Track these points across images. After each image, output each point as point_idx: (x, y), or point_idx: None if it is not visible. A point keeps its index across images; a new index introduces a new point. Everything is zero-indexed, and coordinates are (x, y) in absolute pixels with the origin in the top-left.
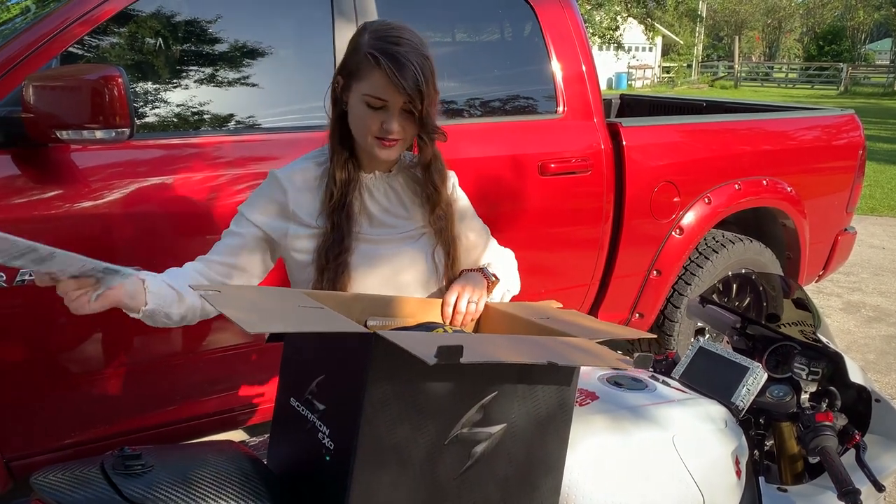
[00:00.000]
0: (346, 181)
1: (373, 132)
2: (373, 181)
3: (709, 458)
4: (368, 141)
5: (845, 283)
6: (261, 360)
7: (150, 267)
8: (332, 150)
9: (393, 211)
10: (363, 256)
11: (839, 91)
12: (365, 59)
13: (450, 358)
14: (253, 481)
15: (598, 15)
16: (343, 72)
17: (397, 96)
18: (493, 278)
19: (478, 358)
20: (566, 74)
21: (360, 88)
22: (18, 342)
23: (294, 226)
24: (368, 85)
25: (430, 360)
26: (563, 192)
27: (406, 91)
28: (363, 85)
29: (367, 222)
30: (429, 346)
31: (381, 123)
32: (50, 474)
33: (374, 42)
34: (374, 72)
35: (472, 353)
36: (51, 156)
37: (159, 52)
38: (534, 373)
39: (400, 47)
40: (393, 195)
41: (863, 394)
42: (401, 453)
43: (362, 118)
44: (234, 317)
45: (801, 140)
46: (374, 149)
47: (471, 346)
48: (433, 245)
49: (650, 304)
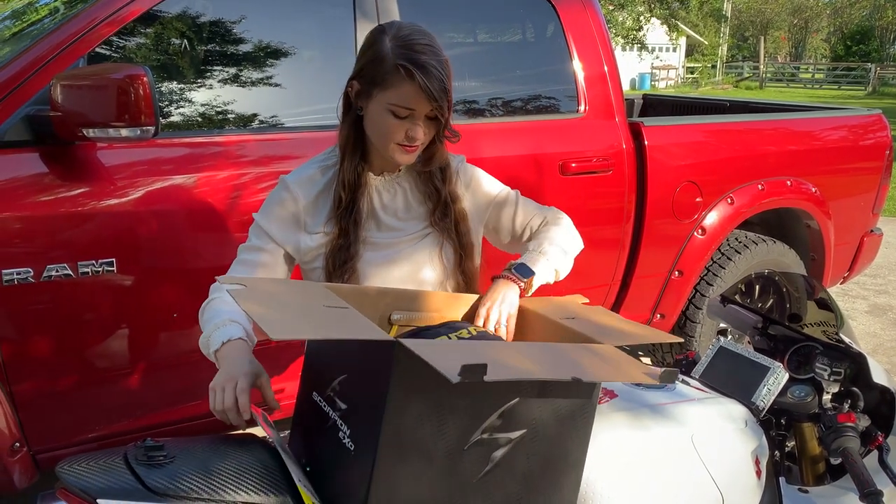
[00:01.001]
0: (355, 185)
1: (397, 139)
2: (382, 183)
3: (728, 458)
4: (390, 147)
5: (872, 285)
6: (284, 356)
7: (174, 265)
8: (342, 154)
9: (400, 213)
10: (370, 260)
11: (867, 92)
12: (394, 70)
13: (473, 376)
14: (273, 474)
15: (621, 15)
16: (362, 78)
17: (425, 105)
18: (522, 282)
19: (502, 376)
20: (588, 74)
21: (386, 98)
22: (45, 337)
23: (304, 235)
24: (396, 95)
25: (453, 379)
26: (585, 191)
27: (436, 99)
28: (389, 94)
29: (375, 226)
30: (452, 361)
31: (407, 131)
32: (75, 464)
33: (400, 51)
34: (404, 83)
35: (495, 371)
36: (77, 154)
37: (184, 52)
38: (558, 385)
39: (426, 56)
40: (400, 196)
41: (886, 395)
42: (421, 458)
43: (386, 127)
44: (258, 317)
45: (826, 140)
46: (396, 154)
47: (495, 362)
48: (440, 243)
49: (672, 304)
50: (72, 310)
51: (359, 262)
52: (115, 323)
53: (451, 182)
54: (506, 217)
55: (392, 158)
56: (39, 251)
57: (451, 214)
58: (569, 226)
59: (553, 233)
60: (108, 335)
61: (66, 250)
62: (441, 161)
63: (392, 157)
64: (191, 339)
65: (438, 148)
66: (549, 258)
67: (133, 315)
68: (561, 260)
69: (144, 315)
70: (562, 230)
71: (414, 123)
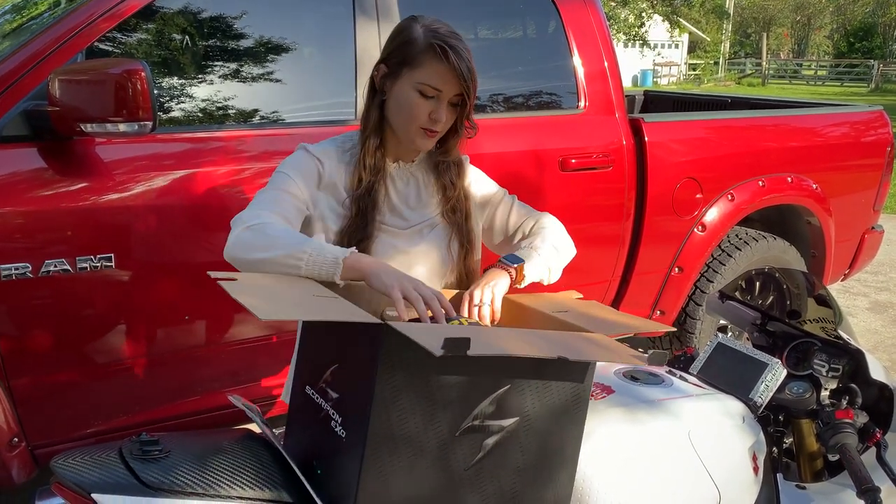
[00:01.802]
0: (374, 168)
1: (420, 121)
2: (397, 171)
3: (725, 454)
4: (412, 129)
5: (873, 282)
6: (282, 352)
7: (173, 260)
8: (364, 137)
9: (412, 202)
10: (382, 245)
11: (870, 88)
12: (428, 49)
13: (456, 350)
14: (268, 469)
15: (624, 12)
16: (391, 60)
17: (453, 87)
18: (512, 268)
19: (485, 350)
20: (588, 70)
21: (416, 76)
22: (43, 332)
23: (325, 197)
24: (427, 74)
25: (436, 352)
26: (584, 187)
27: (465, 83)
28: (420, 73)
29: (389, 212)
30: (437, 338)
31: (430, 113)
32: (69, 458)
33: (433, 34)
34: (436, 62)
35: (479, 346)
36: (76, 149)
37: (182, 48)
38: (548, 368)
39: (457, 41)
40: (413, 185)
41: (885, 391)
42: (412, 443)
43: (412, 106)
44: (247, 303)
45: (827, 137)
46: (416, 138)
47: (479, 339)
48: (448, 236)
49: (672, 301)
50: (70, 305)
51: (372, 245)
52: (113, 318)
53: (465, 178)
54: (500, 217)
55: (412, 143)
56: (38, 246)
57: (462, 209)
58: (561, 229)
59: (545, 233)
60: (106, 330)
61: (64, 245)
62: (457, 154)
63: (412, 141)
64: (189, 334)
65: (457, 139)
66: (541, 254)
67: (132, 310)
68: (553, 258)
69: (143, 310)
70: (554, 232)
71: (439, 105)
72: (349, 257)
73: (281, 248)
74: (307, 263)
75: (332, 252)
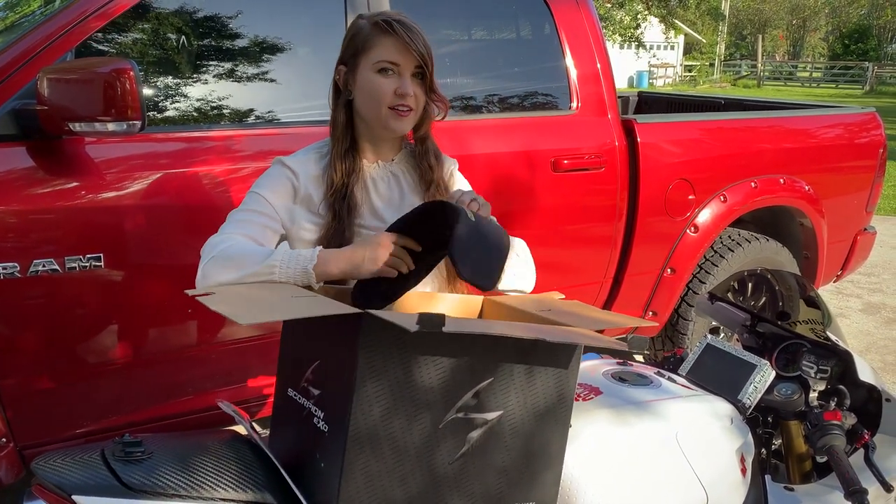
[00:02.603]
0: (347, 170)
1: (387, 101)
2: (376, 171)
3: (713, 455)
4: (383, 113)
5: (866, 283)
6: (272, 353)
7: (162, 260)
8: (333, 140)
9: (394, 201)
10: None
11: (865, 90)
12: (374, 29)
13: (431, 326)
14: (252, 470)
15: (619, 13)
16: (345, 57)
17: (410, 58)
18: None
19: (461, 328)
20: (580, 71)
21: (371, 58)
22: (31, 332)
23: (302, 210)
24: (381, 51)
25: (411, 328)
26: (577, 188)
27: (418, 52)
28: (374, 53)
29: (370, 213)
30: (412, 318)
31: (396, 89)
32: (51, 459)
33: (377, 18)
34: (386, 38)
35: (455, 324)
36: (64, 148)
37: (173, 47)
38: (531, 357)
39: (401, 16)
40: (394, 184)
41: (873, 393)
42: (394, 436)
43: (376, 88)
44: (227, 312)
45: (819, 138)
46: (390, 121)
47: (455, 321)
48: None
49: (664, 302)
50: (59, 305)
51: None
52: (102, 318)
53: (443, 168)
54: None
55: (386, 128)
56: (26, 246)
57: (443, 194)
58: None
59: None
60: (95, 331)
61: (53, 245)
62: (431, 138)
63: (386, 127)
64: (179, 335)
65: (427, 114)
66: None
67: (120, 311)
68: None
69: (132, 311)
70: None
71: (402, 79)
72: (317, 265)
73: (250, 266)
74: (280, 276)
75: (300, 262)
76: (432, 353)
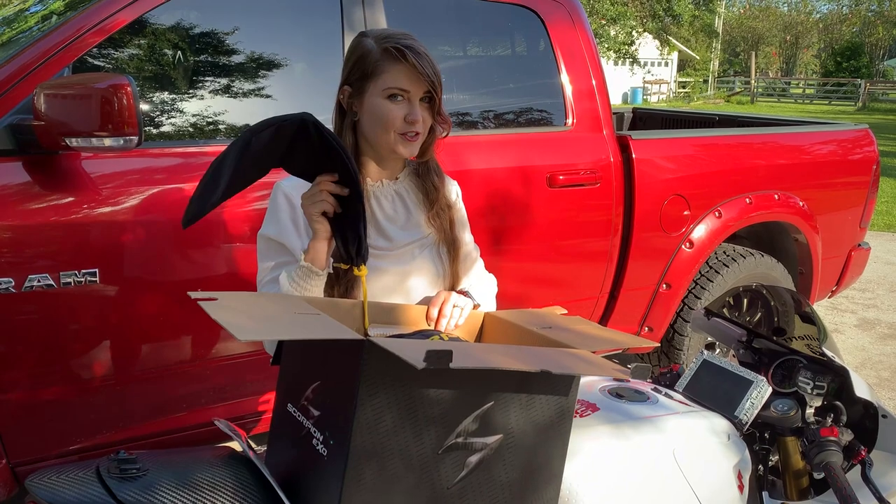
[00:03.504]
0: None
1: (396, 127)
2: (380, 189)
3: (711, 472)
4: (392, 139)
5: (861, 299)
6: (268, 369)
7: (158, 276)
8: None
9: (399, 219)
10: (371, 266)
11: (857, 107)
12: (383, 55)
13: (439, 363)
14: (248, 488)
15: (613, 30)
16: (350, 79)
17: (420, 85)
18: (475, 300)
19: (468, 363)
20: (576, 88)
21: (380, 84)
22: (25, 348)
23: (306, 238)
24: (390, 78)
25: (418, 365)
26: (572, 204)
27: (429, 78)
28: (383, 80)
29: (376, 232)
30: (419, 352)
31: (406, 116)
32: (45, 476)
33: (385, 40)
34: (396, 65)
35: (461, 359)
36: (61, 163)
37: (170, 63)
38: (531, 383)
39: (410, 41)
40: (399, 202)
41: (869, 409)
42: (394, 461)
43: (385, 115)
44: (226, 323)
45: (813, 154)
46: (398, 146)
47: (462, 353)
48: (437, 246)
49: (660, 317)
50: (53, 321)
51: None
52: (97, 334)
53: (446, 186)
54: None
55: (394, 152)
56: (21, 261)
57: (446, 215)
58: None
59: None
60: (89, 347)
61: (48, 260)
62: (433, 157)
63: (394, 150)
64: (175, 350)
65: (432, 138)
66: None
67: (115, 326)
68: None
69: (127, 326)
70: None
71: (412, 106)
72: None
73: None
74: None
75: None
76: (434, 380)
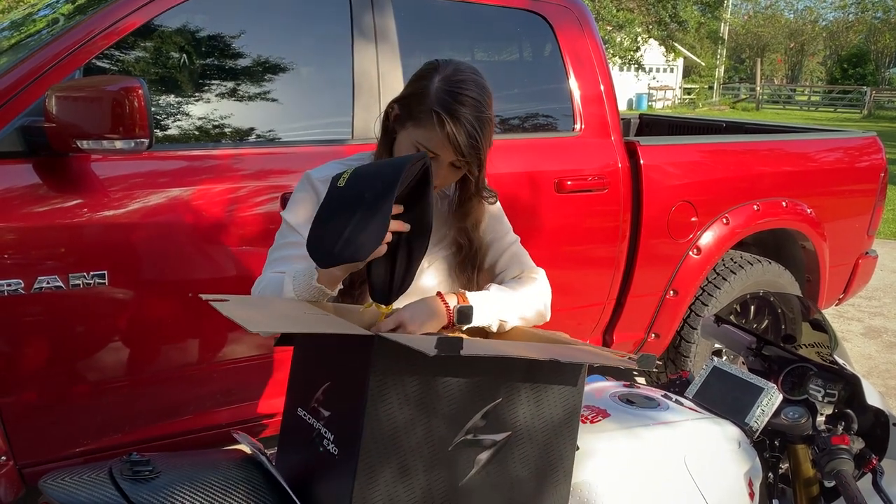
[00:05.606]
0: None
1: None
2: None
3: (721, 479)
4: None
5: (867, 307)
6: (276, 373)
7: (167, 278)
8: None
9: None
10: None
11: (863, 115)
12: (429, 114)
13: (450, 350)
14: (259, 491)
15: (619, 36)
16: (402, 106)
17: (450, 154)
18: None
19: (478, 351)
20: (584, 93)
21: (415, 134)
22: (34, 349)
23: None
24: (424, 135)
25: (430, 352)
26: (580, 210)
27: (462, 154)
28: (419, 132)
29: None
30: (429, 341)
31: None
32: (59, 478)
33: (442, 96)
34: (435, 129)
35: (472, 347)
36: (72, 165)
37: (180, 66)
38: (539, 377)
39: (466, 109)
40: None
41: (880, 417)
42: (404, 459)
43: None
44: (238, 317)
45: (821, 162)
46: None
47: (471, 342)
48: (454, 263)
49: (666, 324)
50: (62, 322)
51: None
52: (105, 336)
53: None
54: (494, 251)
55: None
56: (31, 262)
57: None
58: (539, 291)
59: (518, 285)
60: (98, 349)
61: (57, 262)
62: (476, 219)
63: None
64: (182, 353)
65: (474, 205)
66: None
67: (124, 328)
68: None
69: (135, 329)
70: (529, 289)
71: (438, 166)
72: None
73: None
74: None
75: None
76: (443, 376)
